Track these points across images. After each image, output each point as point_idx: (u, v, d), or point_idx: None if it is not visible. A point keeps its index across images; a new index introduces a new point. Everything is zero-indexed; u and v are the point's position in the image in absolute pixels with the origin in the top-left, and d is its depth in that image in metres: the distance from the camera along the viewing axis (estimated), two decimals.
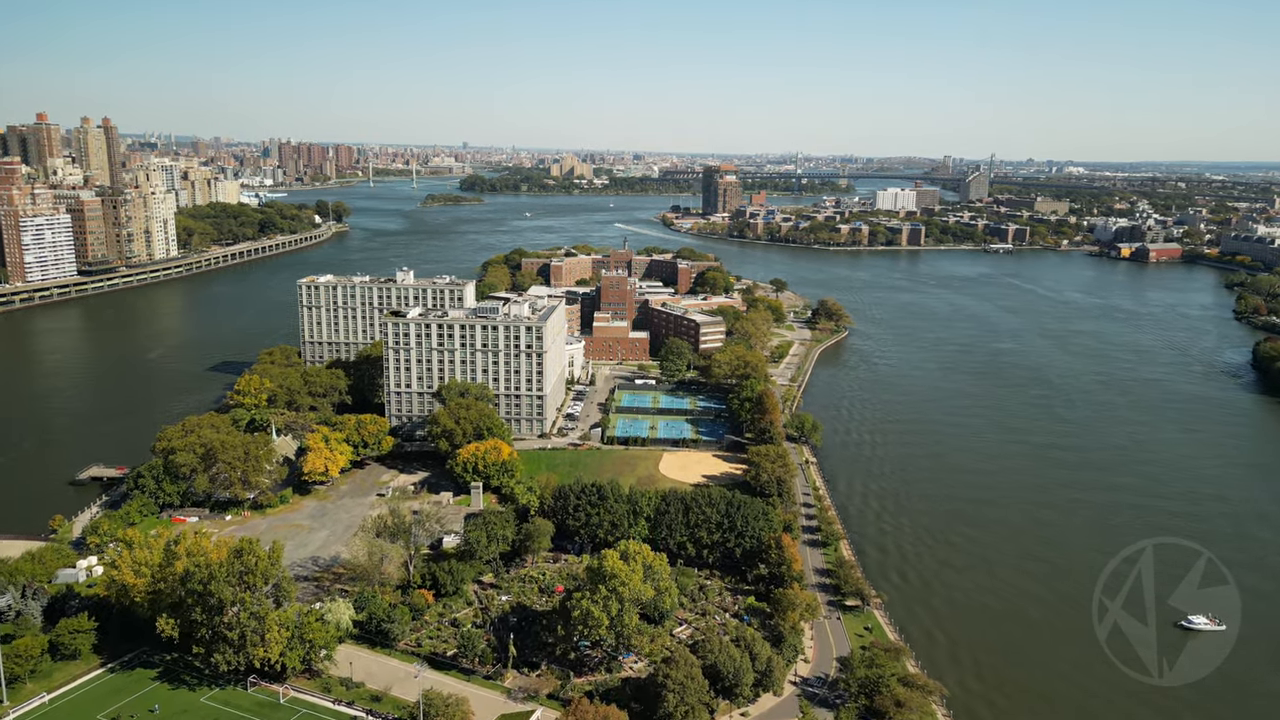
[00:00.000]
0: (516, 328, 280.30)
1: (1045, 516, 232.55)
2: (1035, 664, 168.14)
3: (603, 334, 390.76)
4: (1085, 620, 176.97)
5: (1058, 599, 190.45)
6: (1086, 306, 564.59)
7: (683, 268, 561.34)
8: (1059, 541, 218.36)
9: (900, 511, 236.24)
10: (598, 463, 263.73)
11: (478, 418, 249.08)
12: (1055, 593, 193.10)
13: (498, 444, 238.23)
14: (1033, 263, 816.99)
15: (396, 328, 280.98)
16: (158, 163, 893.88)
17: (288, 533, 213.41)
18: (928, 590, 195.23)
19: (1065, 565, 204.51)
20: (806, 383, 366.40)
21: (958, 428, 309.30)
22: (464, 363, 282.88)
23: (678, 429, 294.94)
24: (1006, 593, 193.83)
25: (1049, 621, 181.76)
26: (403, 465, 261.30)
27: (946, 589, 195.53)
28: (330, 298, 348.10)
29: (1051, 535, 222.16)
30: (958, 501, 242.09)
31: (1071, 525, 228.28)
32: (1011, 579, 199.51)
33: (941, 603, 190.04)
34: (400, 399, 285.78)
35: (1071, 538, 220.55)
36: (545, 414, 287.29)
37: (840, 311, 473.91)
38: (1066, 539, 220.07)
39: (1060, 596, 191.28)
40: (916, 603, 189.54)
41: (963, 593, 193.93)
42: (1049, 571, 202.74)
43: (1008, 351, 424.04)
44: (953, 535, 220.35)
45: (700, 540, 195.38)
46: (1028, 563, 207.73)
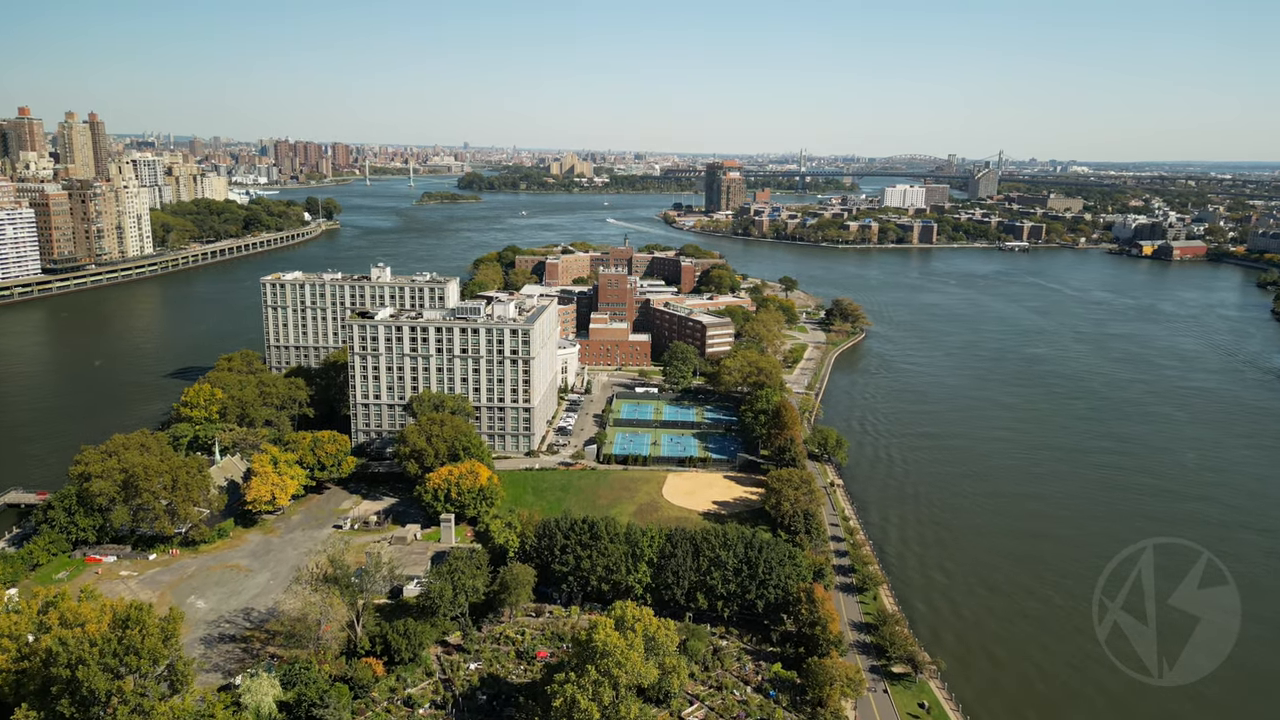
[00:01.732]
0: (500, 331, 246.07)
1: (1115, 550, 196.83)
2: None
3: (600, 337, 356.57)
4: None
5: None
6: (1118, 307, 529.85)
7: (686, 265, 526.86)
8: (1154, 589, 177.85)
9: (946, 548, 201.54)
10: (592, 486, 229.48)
11: (453, 435, 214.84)
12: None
13: (475, 467, 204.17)
14: (1051, 261, 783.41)
15: (363, 331, 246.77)
16: (139, 156, 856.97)
17: (221, 576, 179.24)
18: (993, 657, 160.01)
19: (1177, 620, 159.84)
20: (824, 390, 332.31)
21: (1000, 444, 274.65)
22: (440, 371, 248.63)
23: (683, 445, 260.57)
24: (1087, 661, 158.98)
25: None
26: (368, 489, 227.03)
27: (1016, 654, 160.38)
28: (297, 297, 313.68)
29: (1141, 578, 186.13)
30: (1016, 537, 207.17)
31: (1170, 568, 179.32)
32: (1088, 647, 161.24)
33: (1012, 676, 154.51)
34: (368, 412, 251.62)
35: (1165, 584, 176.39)
36: (533, 429, 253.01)
37: (857, 312, 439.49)
38: (1166, 585, 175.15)
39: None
40: (980, 672, 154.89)
41: (1038, 660, 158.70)
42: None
43: (1044, 358, 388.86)
44: (1017, 581, 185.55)
45: (714, 589, 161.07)
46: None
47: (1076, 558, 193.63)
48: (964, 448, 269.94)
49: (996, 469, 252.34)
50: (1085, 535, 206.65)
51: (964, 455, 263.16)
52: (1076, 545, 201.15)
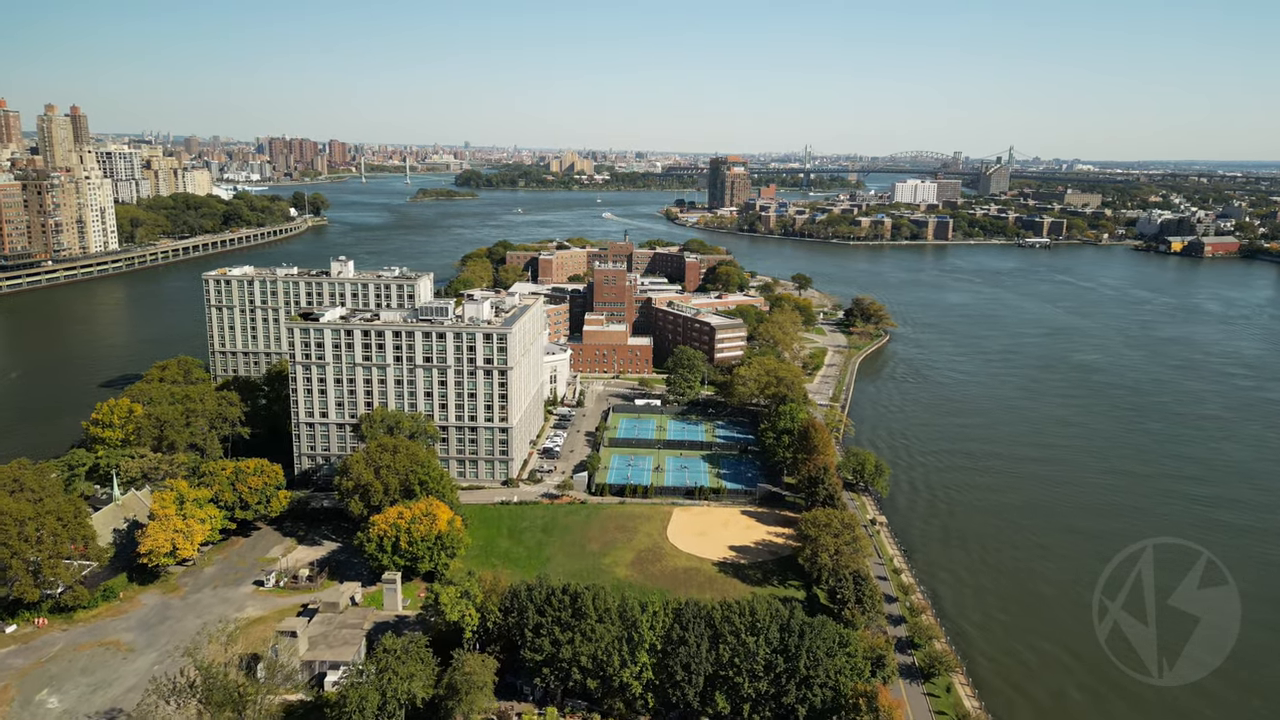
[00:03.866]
0: (471, 335, 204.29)
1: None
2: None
3: (595, 340, 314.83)
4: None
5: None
6: (1160, 307, 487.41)
7: (690, 261, 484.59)
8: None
9: (1028, 611, 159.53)
10: (581, 525, 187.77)
11: (407, 466, 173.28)
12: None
13: (433, 506, 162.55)
14: (1075, 258, 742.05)
15: (306, 335, 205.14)
16: (115, 148, 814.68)
17: (92, 658, 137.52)
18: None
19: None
20: (849, 402, 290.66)
21: (1067, 469, 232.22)
22: (399, 384, 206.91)
23: (691, 471, 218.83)
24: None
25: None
26: (307, 530, 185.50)
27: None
28: (245, 295, 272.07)
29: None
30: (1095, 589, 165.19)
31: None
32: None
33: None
34: (313, 433, 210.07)
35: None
36: (512, 452, 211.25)
37: (880, 312, 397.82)
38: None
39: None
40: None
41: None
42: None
43: (1097, 366, 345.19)
44: (1090, 651, 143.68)
45: (739, 690, 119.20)
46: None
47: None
48: (1022, 474, 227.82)
49: (1068, 502, 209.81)
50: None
51: (1023, 482, 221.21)
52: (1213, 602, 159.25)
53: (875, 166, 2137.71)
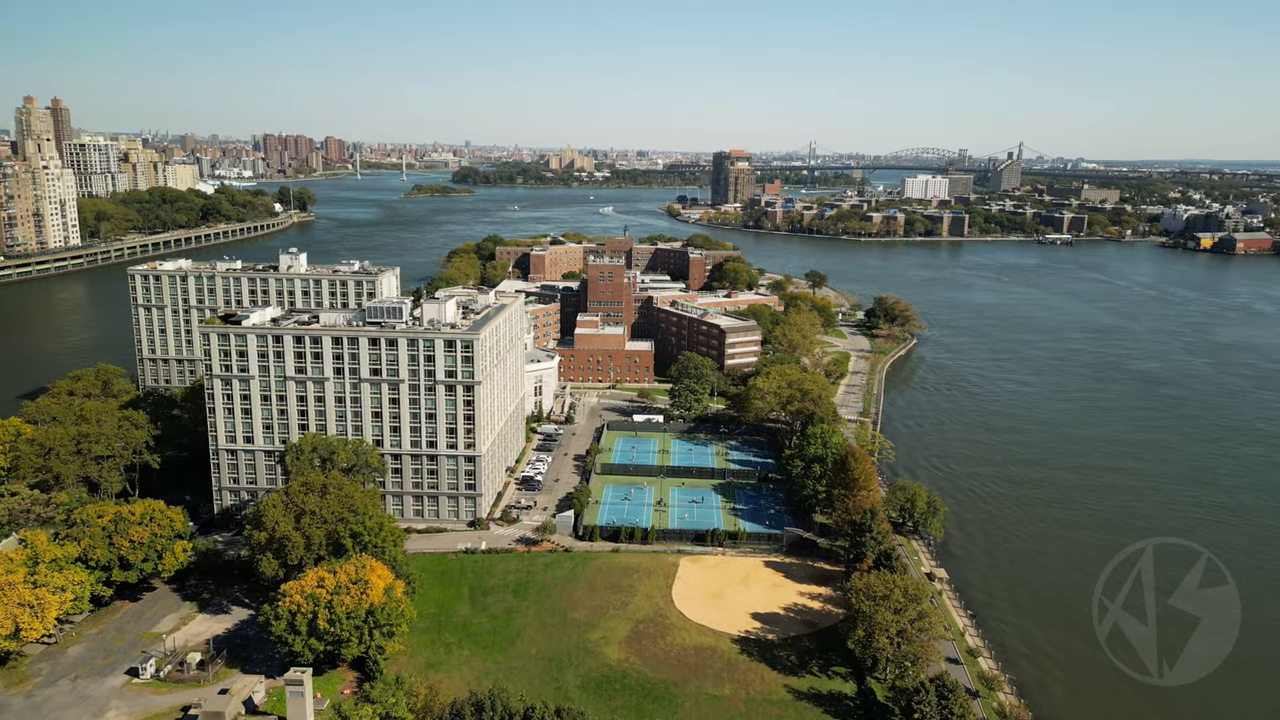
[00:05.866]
0: (430, 342, 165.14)
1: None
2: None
3: (588, 345, 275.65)
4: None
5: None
6: (1207, 307, 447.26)
7: (695, 257, 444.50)
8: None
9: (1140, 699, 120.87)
10: (564, 584, 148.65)
11: (337, 513, 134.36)
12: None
13: (367, 569, 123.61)
14: (1099, 254, 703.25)
15: (226, 342, 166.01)
16: (89, 140, 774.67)
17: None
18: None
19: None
20: (880, 416, 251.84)
21: (1158, 502, 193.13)
22: (341, 402, 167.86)
23: (702, 507, 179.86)
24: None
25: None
26: (216, 589, 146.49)
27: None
28: (178, 294, 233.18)
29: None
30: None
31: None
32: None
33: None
34: (235, 463, 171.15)
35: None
36: (481, 486, 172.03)
37: (907, 312, 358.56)
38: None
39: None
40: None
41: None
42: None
43: (1161, 376, 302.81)
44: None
45: None
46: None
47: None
48: (1101, 508, 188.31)
49: (1172, 558, 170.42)
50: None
51: (1103, 519, 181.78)
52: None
53: (878, 164, 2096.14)
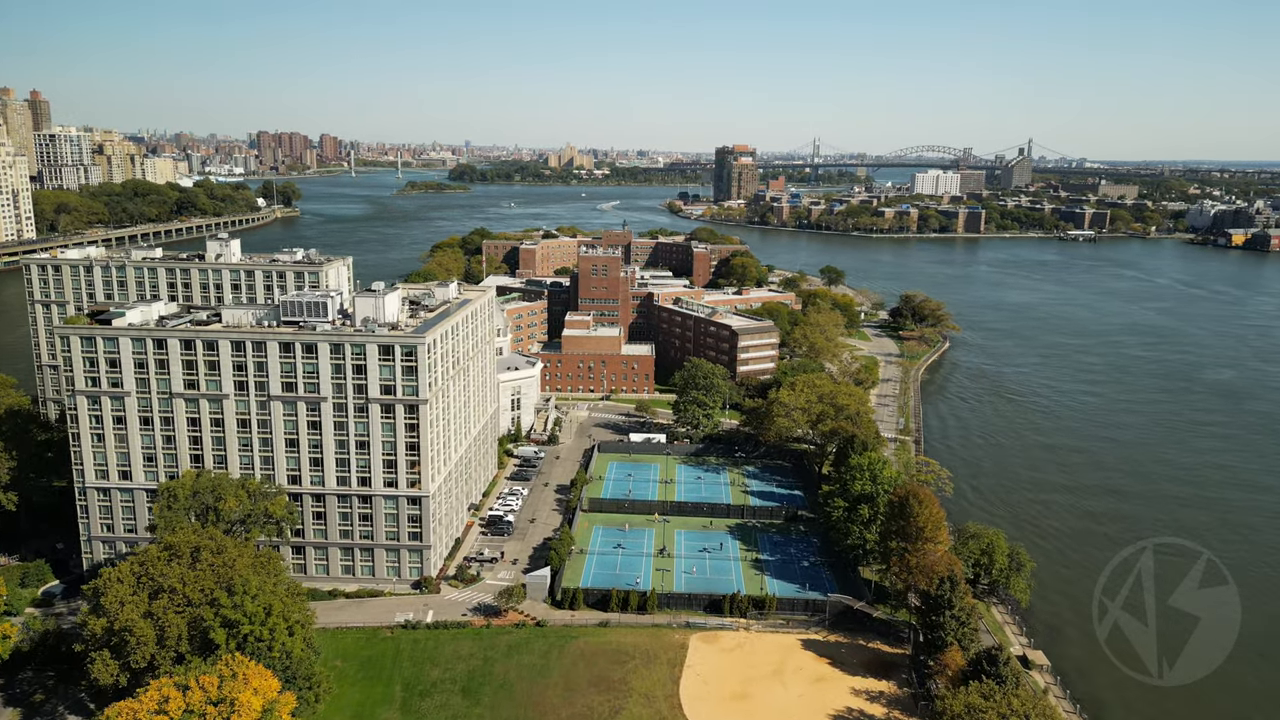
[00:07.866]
0: (359, 348, 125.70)
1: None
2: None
3: (578, 348, 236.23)
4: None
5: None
6: (1262, 307, 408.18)
7: (699, 252, 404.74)
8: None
9: None
10: (531, 677, 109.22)
11: (206, 592, 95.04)
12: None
13: (240, 677, 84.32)
14: (1125, 251, 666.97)
15: (93, 348, 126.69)
16: (60, 130, 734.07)
17: None
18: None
19: None
20: (921, 433, 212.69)
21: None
22: (244, 425, 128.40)
23: (717, 558, 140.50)
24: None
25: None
26: (56, 683, 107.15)
27: None
28: (81, 287, 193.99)
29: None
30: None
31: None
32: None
33: None
34: (109, 505, 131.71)
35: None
36: (429, 535, 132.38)
37: (938, 312, 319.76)
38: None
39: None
40: None
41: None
42: None
43: (1242, 390, 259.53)
44: None
45: None
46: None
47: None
48: (1221, 557, 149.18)
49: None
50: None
51: (1244, 565, 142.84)
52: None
53: (882, 162, 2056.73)
